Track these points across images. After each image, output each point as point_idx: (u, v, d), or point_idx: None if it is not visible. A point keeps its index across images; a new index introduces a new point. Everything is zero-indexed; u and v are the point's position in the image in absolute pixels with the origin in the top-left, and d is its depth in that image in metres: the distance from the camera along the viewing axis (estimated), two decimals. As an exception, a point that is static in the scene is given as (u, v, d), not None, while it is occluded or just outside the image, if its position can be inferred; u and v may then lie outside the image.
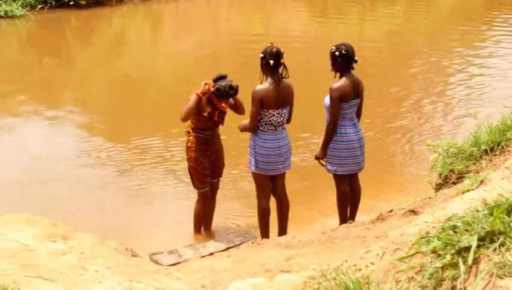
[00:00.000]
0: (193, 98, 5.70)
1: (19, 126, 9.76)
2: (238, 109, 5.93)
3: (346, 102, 5.65)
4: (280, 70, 5.55)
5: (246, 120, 5.70)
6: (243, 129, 5.74)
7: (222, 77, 5.72)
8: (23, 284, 3.31)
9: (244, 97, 5.75)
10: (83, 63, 14.18)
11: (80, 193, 7.33)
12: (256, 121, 5.57)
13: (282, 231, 5.84)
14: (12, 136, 9.34)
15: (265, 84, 5.52)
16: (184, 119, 5.82)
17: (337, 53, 5.63)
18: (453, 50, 13.75)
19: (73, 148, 8.88)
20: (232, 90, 5.67)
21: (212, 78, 5.75)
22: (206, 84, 5.73)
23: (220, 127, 6.04)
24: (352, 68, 5.70)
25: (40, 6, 17.25)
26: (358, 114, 5.86)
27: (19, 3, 16.93)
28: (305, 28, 17.22)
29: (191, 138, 5.91)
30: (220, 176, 6.16)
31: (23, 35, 16.72)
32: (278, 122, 5.59)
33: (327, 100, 5.70)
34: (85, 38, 16.11)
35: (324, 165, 5.86)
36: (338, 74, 5.71)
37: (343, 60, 5.63)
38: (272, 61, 5.46)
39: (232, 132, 6.57)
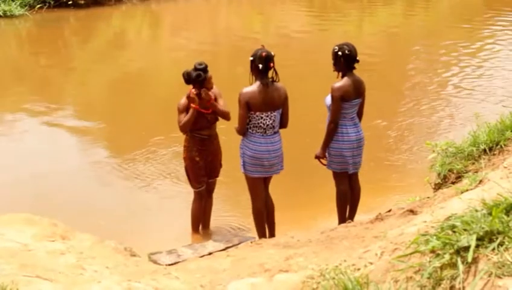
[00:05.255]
0: (190, 112, 5.72)
1: (19, 127, 9.75)
2: (221, 115, 5.91)
3: (348, 101, 5.64)
4: (270, 74, 5.50)
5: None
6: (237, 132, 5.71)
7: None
8: (22, 284, 3.30)
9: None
10: (82, 63, 14.16)
11: (79, 193, 7.33)
12: (244, 124, 5.52)
13: (270, 233, 5.82)
14: (12, 137, 9.32)
15: (252, 87, 5.47)
16: (184, 132, 5.87)
17: (340, 53, 5.61)
18: (452, 50, 13.75)
19: (73, 149, 8.88)
20: (197, 72, 5.75)
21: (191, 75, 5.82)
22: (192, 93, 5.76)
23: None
24: (354, 68, 5.70)
25: (38, 6, 17.25)
26: (360, 114, 5.85)
27: (18, 3, 16.92)
28: (303, 28, 17.21)
29: (187, 137, 5.94)
30: (217, 176, 6.15)
31: (22, 35, 16.70)
32: (267, 125, 5.52)
33: (328, 100, 5.70)
34: (84, 38, 16.10)
35: (324, 165, 5.86)
36: (340, 74, 5.70)
37: (345, 60, 5.62)
38: (260, 65, 5.40)
39: (232, 132, 6.58)
